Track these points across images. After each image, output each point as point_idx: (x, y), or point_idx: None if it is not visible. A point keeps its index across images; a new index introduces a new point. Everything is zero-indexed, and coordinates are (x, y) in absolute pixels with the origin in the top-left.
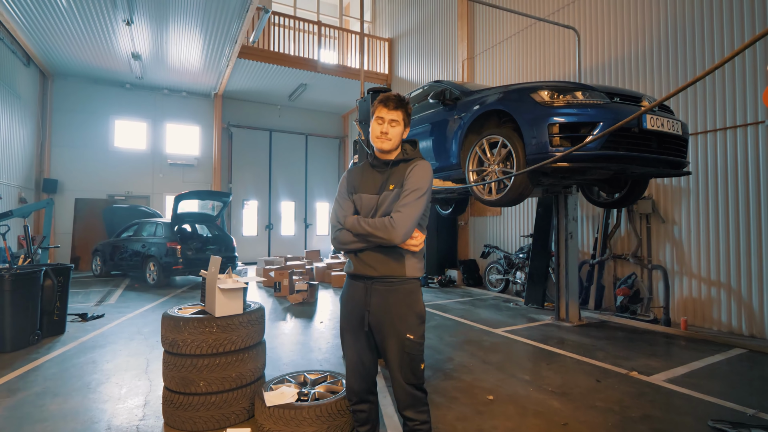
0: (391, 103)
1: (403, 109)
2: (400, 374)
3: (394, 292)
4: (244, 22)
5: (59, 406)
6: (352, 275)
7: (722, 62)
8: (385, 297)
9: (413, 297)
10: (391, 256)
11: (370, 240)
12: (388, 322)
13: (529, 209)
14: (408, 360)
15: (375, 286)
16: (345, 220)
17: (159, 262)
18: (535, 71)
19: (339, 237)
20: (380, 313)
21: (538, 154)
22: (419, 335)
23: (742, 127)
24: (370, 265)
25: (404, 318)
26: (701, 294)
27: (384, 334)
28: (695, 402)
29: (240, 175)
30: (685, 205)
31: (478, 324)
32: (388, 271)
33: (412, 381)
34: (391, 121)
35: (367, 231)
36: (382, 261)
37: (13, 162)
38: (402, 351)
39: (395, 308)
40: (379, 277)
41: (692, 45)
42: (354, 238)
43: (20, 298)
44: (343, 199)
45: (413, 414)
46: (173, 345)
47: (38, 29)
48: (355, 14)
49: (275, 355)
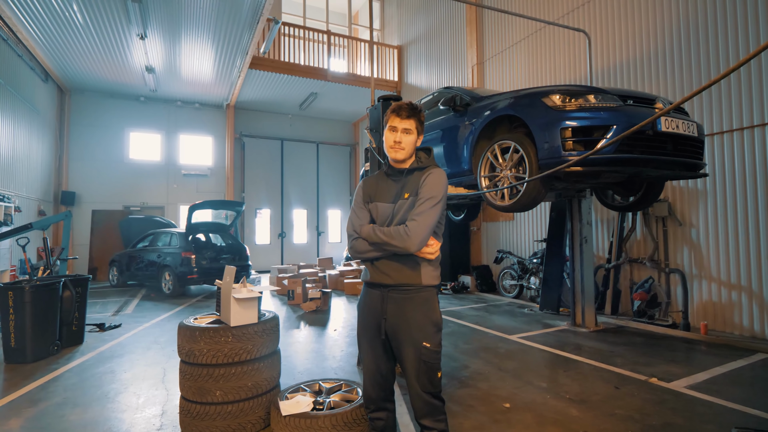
0: (404, 112)
1: (416, 117)
2: (416, 383)
3: (410, 300)
4: (254, 33)
5: (79, 417)
6: (369, 283)
7: (741, 63)
8: (401, 305)
9: (429, 305)
10: (407, 264)
11: (386, 249)
12: (404, 330)
13: (542, 214)
14: (425, 368)
15: (391, 294)
16: (361, 229)
17: (174, 271)
18: (545, 75)
19: (355, 246)
20: (396, 321)
21: (551, 159)
22: (436, 343)
23: (760, 126)
24: (386, 273)
25: (420, 326)
26: (721, 298)
27: (400, 342)
28: (718, 409)
29: (253, 184)
30: (703, 207)
31: (493, 330)
32: (404, 279)
33: (429, 389)
34: (404, 130)
35: (383, 240)
36: (398, 269)
37: (33, 175)
38: (419, 359)
39: (411, 316)
40: (395, 285)
41: (705, 45)
42: (370, 247)
43: (40, 309)
44: (359, 209)
45: (431, 423)
46: (189, 355)
47: (56, 46)
48: (363, 23)
49: (290, 364)
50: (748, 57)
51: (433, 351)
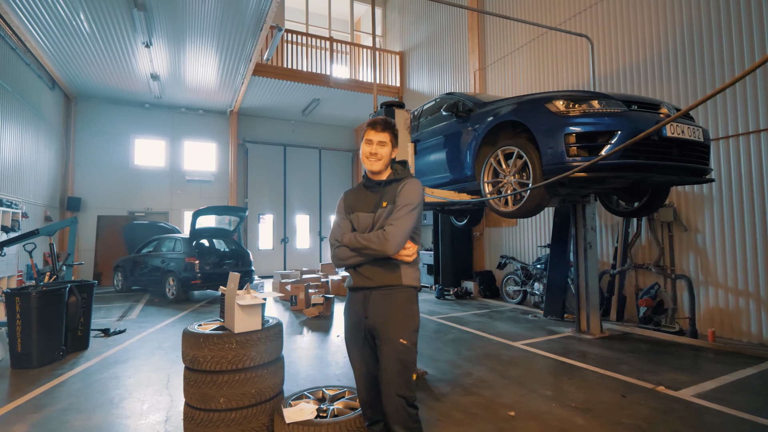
0: (379, 126)
1: (390, 130)
2: (392, 384)
3: (389, 298)
4: (258, 40)
5: (83, 423)
6: (352, 288)
7: (754, 68)
8: (381, 303)
9: (409, 304)
10: (387, 267)
11: (366, 253)
12: (382, 327)
13: (545, 219)
14: (400, 368)
15: (373, 294)
16: (343, 237)
17: (178, 277)
18: (547, 81)
19: (338, 254)
20: (376, 318)
21: (555, 165)
22: (412, 342)
23: (766, 131)
24: (368, 277)
25: (398, 323)
26: (729, 304)
27: (380, 340)
28: (727, 418)
29: (256, 190)
30: (709, 212)
31: (497, 337)
32: (384, 280)
33: (404, 393)
34: (379, 142)
35: (363, 244)
36: (379, 273)
37: (39, 182)
38: (395, 358)
39: (391, 313)
40: (376, 287)
41: (710, 49)
42: (352, 253)
43: (46, 314)
44: (341, 219)
45: (402, 431)
46: (194, 361)
47: (62, 54)
48: (365, 29)
49: (293, 370)
50: (761, 61)
51: (409, 349)
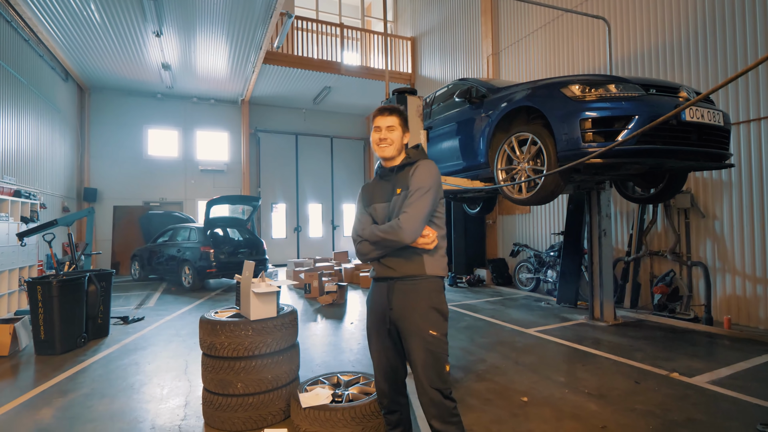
0: (386, 111)
1: (398, 114)
2: (424, 377)
3: (415, 289)
4: (268, 28)
5: (106, 407)
6: (376, 279)
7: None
8: (406, 295)
9: (435, 294)
10: (409, 257)
11: (385, 245)
12: (409, 319)
13: (559, 206)
14: (431, 360)
15: (397, 284)
16: (363, 232)
17: (193, 266)
18: (563, 65)
19: (360, 249)
20: (402, 311)
21: (570, 151)
22: (442, 332)
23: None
24: (391, 267)
25: (425, 314)
26: (746, 291)
27: (407, 333)
28: (742, 405)
29: (268, 179)
30: (728, 198)
31: (510, 324)
32: (408, 270)
33: (437, 385)
34: (388, 127)
35: (380, 237)
36: (402, 263)
37: (56, 173)
38: (425, 349)
39: (417, 305)
40: (399, 278)
41: (733, 31)
42: (372, 247)
43: (67, 303)
44: (360, 214)
45: (440, 425)
46: (211, 348)
47: (75, 45)
48: (376, 14)
49: (308, 356)
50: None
51: (440, 339)
